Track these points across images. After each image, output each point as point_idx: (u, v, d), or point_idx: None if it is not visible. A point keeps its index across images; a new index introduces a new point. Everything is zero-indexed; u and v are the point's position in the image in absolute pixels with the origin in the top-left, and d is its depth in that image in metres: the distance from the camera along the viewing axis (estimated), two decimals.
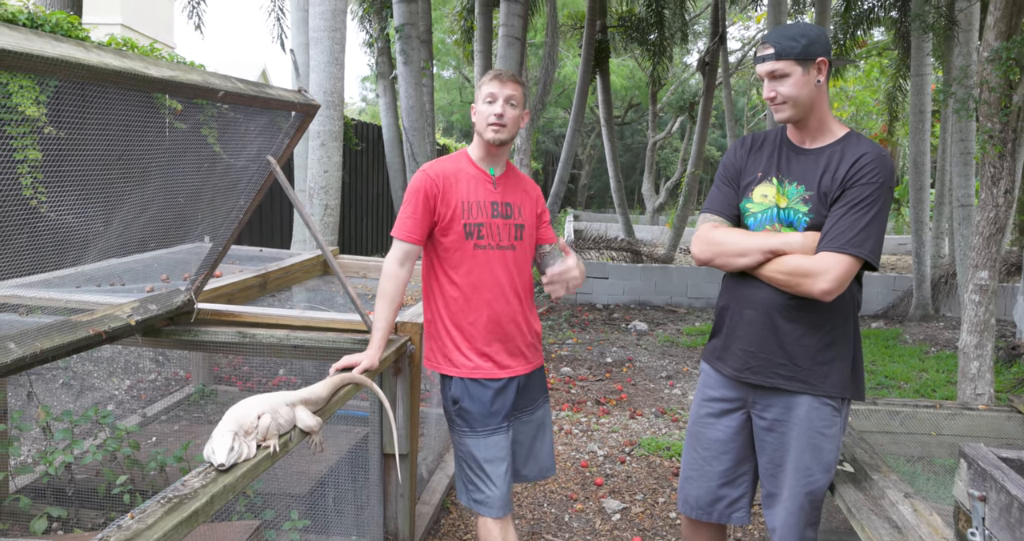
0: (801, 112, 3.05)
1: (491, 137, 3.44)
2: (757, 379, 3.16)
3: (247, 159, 3.60)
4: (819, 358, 3.07)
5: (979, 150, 6.06)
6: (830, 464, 3.11)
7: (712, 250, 3.19)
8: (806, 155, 3.12)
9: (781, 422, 3.15)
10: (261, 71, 38.03)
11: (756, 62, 3.08)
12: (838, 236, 2.91)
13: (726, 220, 3.25)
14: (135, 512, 1.99)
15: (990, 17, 5.97)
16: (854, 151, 3.01)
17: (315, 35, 7.52)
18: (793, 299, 3.04)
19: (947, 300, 12.64)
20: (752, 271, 3.12)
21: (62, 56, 2.08)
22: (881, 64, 23.29)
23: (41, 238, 3.06)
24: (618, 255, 15.20)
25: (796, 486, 3.12)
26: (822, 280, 2.89)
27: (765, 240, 3.06)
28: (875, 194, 2.93)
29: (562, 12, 21.62)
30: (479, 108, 3.47)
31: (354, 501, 4.21)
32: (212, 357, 6.26)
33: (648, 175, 25.86)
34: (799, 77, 2.99)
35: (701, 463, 3.39)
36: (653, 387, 8.42)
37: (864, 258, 2.90)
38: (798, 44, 2.97)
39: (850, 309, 3.12)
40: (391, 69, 13.42)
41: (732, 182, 3.30)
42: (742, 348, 3.20)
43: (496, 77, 3.44)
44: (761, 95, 3.12)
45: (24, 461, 5.01)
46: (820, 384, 3.07)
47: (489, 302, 3.48)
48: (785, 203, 3.11)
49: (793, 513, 3.15)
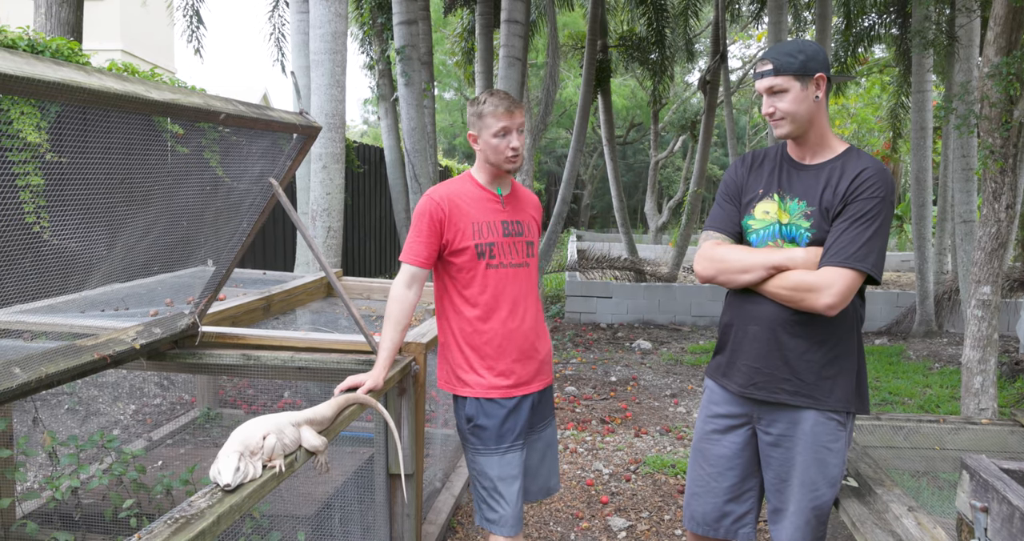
0: (800, 128, 3.07)
1: (510, 168, 3.46)
2: (762, 395, 3.16)
3: (249, 182, 3.61)
4: (823, 373, 3.07)
5: (980, 166, 6.06)
6: (835, 479, 3.11)
7: (715, 267, 3.20)
8: (807, 171, 3.14)
9: (787, 437, 3.15)
10: (262, 95, 38.12)
11: (755, 78, 3.10)
12: (840, 251, 2.92)
13: (728, 237, 3.27)
14: (142, 533, 1.99)
15: (990, 33, 5.99)
16: (855, 166, 3.02)
17: (316, 58, 7.55)
18: (796, 314, 3.05)
19: (950, 316, 12.62)
20: (755, 287, 3.13)
21: (63, 80, 2.10)
22: (882, 81, 23.33)
23: (44, 263, 3.07)
24: (621, 274, 15.19)
25: (802, 501, 3.12)
26: (825, 295, 2.90)
27: (768, 256, 3.08)
28: (876, 208, 2.94)
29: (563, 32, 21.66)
30: (490, 141, 3.43)
31: (360, 522, 4.21)
32: (217, 380, 6.27)
33: (651, 194, 25.87)
34: (798, 93, 3.01)
35: (707, 479, 3.39)
36: (657, 405, 8.41)
37: (867, 272, 2.92)
38: (796, 60, 2.99)
39: (853, 323, 3.12)
40: (392, 91, 13.44)
41: (734, 199, 3.31)
42: (747, 364, 3.20)
43: (507, 110, 3.39)
44: (762, 113, 3.17)
45: (30, 487, 5.01)
46: (825, 399, 3.07)
47: (503, 321, 3.49)
48: (787, 219, 3.13)
49: (800, 528, 3.15)
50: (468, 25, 16.44)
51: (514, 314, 3.50)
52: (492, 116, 3.40)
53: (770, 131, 13.75)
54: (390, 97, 13.54)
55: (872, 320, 12.99)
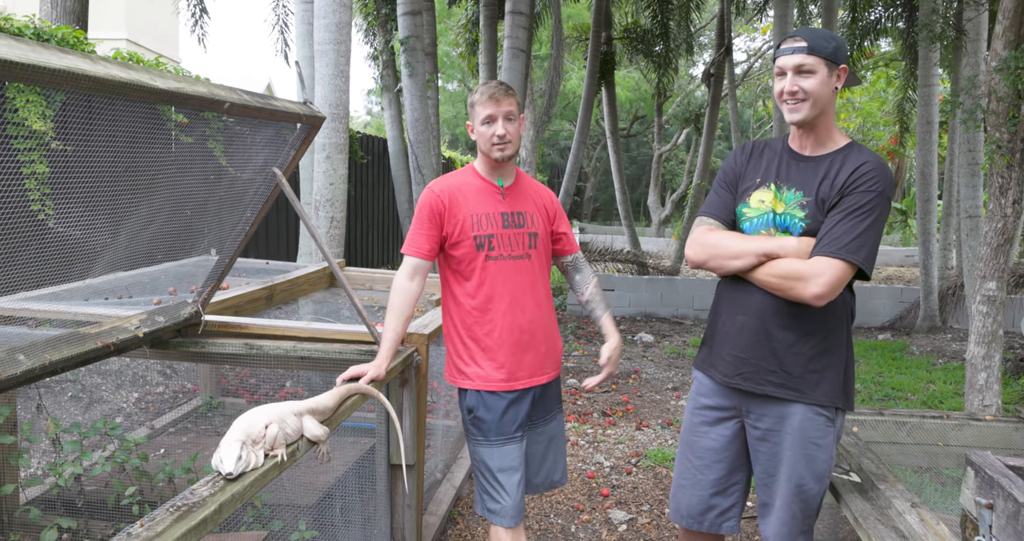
0: (816, 112, 3.03)
1: (498, 156, 3.47)
2: (747, 386, 3.16)
3: (253, 171, 3.61)
4: (811, 366, 3.06)
5: (987, 160, 6.04)
6: (823, 474, 3.11)
7: (707, 252, 3.19)
8: (807, 162, 3.13)
9: (774, 432, 3.15)
10: (266, 85, 38.13)
11: (782, 54, 3.06)
12: (833, 241, 2.91)
13: (722, 224, 3.26)
14: (144, 520, 2.00)
15: (998, 26, 5.96)
16: (855, 159, 3.01)
17: (320, 48, 7.54)
18: (786, 305, 3.04)
19: (955, 312, 12.62)
20: (746, 275, 3.13)
21: (68, 68, 2.09)
22: (888, 75, 23.29)
23: (49, 251, 3.06)
24: (624, 267, 15.19)
25: (789, 496, 3.12)
26: (814, 284, 2.88)
27: (760, 243, 3.07)
28: (873, 202, 2.93)
29: (567, 24, 21.63)
30: (479, 129, 3.47)
31: (361, 512, 4.21)
32: (219, 369, 6.27)
33: (654, 187, 25.85)
34: (824, 77, 2.99)
35: (694, 472, 3.39)
36: (659, 398, 8.41)
37: (858, 265, 2.90)
38: (829, 45, 2.98)
39: (843, 317, 3.11)
40: (396, 82, 13.43)
41: (730, 187, 3.31)
42: (732, 353, 3.21)
43: (491, 97, 3.42)
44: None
45: (34, 473, 5.02)
46: (811, 392, 3.06)
47: (504, 313, 3.48)
48: (782, 208, 3.12)
49: (786, 522, 3.15)
50: (472, 16, 16.43)
51: (515, 306, 3.50)
52: (480, 104, 3.45)
53: (774, 125, 13.71)
54: (394, 88, 13.53)
55: (875, 315, 12.98)
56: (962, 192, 10.56)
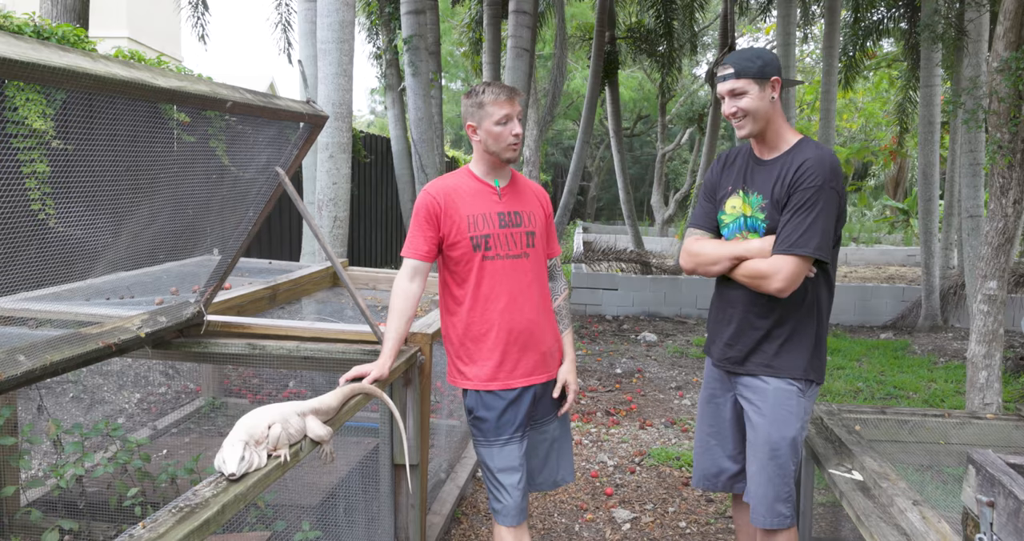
0: (759, 126, 3.42)
1: (511, 156, 3.50)
2: (734, 368, 3.61)
3: (256, 171, 3.60)
4: (786, 347, 3.48)
5: (988, 161, 6.06)
6: (796, 440, 3.47)
7: (693, 261, 3.65)
8: (764, 166, 3.50)
9: (755, 404, 3.54)
10: (269, 84, 38.03)
11: (717, 81, 3.45)
12: (785, 239, 3.31)
13: (708, 232, 3.69)
14: (147, 521, 1.99)
15: (1000, 27, 5.96)
16: (799, 158, 3.38)
17: (323, 47, 7.53)
18: (762, 297, 3.45)
19: (956, 311, 12.60)
20: (730, 275, 3.54)
21: (69, 66, 2.09)
22: (890, 75, 23.27)
23: (50, 251, 3.06)
24: (627, 267, 15.16)
25: (765, 458, 3.48)
26: (775, 280, 3.30)
27: (732, 248, 3.51)
28: (815, 197, 3.28)
29: (571, 24, 21.64)
30: (492, 129, 3.44)
31: (365, 512, 4.21)
32: (222, 369, 6.27)
33: (657, 187, 25.79)
34: (756, 93, 3.35)
35: (706, 439, 3.84)
36: (663, 398, 8.41)
37: (811, 256, 3.27)
38: (755, 64, 3.34)
39: (812, 303, 3.48)
40: (400, 81, 13.43)
41: (710, 197, 3.71)
42: (723, 341, 3.65)
43: (508, 98, 3.43)
44: (724, 114, 3.45)
45: (35, 474, 5.02)
46: (785, 368, 3.47)
47: (501, 312, 3.48)
48: (749, 212, 3.51)
49: (762, 485, 3.50)
50: (476, 15, 16.44)
51: (513, 305, 3.50)
52: (494, 104, 3.43)
53: None
54: (397, 87, 13.53)
55: (877, 314, 12.96)
56: (963, 192, 10.57)
